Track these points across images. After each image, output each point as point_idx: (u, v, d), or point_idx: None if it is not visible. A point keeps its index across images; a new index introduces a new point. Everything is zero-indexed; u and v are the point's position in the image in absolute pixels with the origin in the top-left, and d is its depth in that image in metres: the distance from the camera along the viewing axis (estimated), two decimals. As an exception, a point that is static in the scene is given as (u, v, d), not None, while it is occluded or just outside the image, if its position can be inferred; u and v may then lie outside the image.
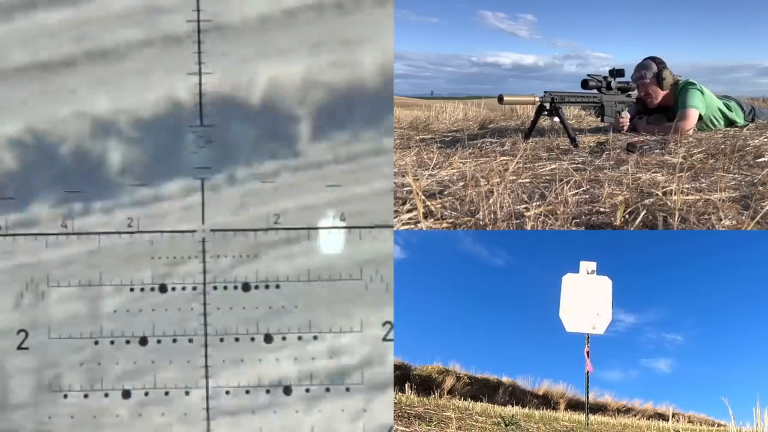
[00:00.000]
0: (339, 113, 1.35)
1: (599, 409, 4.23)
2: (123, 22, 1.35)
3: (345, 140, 1.36)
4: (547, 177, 2.13)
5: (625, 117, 3.39)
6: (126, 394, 1.39)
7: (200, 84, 1.36)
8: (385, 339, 1.40)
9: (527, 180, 2.09)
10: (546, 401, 4.18)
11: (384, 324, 1.39)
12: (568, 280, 2.55)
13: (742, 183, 2.01)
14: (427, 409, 2.38)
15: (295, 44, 1.34)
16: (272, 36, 1.35)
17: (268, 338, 1.40)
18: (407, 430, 1.84)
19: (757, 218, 1.61)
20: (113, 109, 1.35)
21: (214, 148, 1.36)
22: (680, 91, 3.42)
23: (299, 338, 1.39)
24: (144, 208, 1.37)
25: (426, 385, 3.80)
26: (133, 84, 1.35)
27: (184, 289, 1.39)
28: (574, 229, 1.64)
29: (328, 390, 1.39)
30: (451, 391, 3.93)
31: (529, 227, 1.63)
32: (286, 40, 1.34)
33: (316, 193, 1.36)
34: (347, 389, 1.39)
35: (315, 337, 1.40)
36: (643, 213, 1.68)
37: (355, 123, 1.36)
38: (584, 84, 3.30)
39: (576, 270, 2.58)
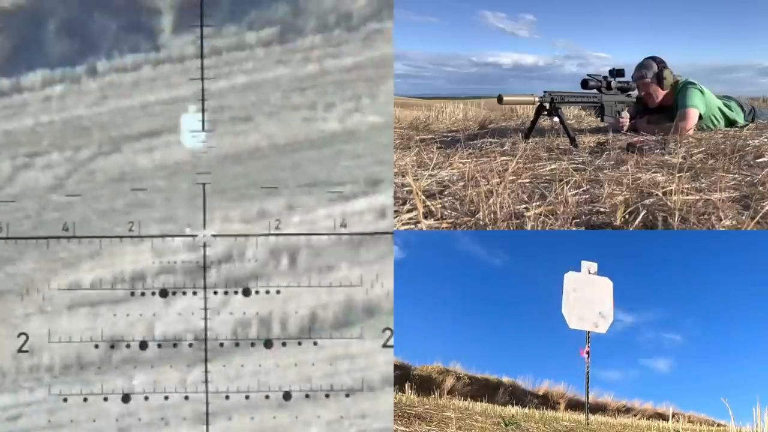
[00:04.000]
0: (201, 6, 1.35)
1: (599, 409, 4.22)
2: None
3: (207, 34, 1.35)
4: (547, 177, 2.13)
5: (625, 117, 3.38)
6: (126, 398, 1.38)
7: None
8: (385, 345, 1.40)
9: (527, 180, 2.08)
10: (546, 401, 4.18)
11: (384, 330, 1.39)
12: (570, 278, 2.55)
13: (742, 183, 2.01)
14: (427, 409, 2.38)
15: None
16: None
17: (268, 344, 1.39)
18: (407, 430, 1.83)
19: (757, 218, 1.61)
20: None
21: (75, 39, 1.35)
22: (680, 90, 3.42)
23: (299, 344, 1.39)
24: (3, 98, 1.36)
25: (426, 385, 3.79)
26: None
27: (184, 293, 1.39)
28: (574, 229, 1.64)
29: (327, 396, 1.39)
30: (451, 391, 3.93)
31: (529, 227, 1.63)
32: None
33: (177, 87, 1.36)
34: (347, 395, 1.39)
35: (315, 343, 1.39)
36: (643, 213, 1.68)
37: (218, 17, 1.35)
38: (584, 84, 3.30)
39: (577, 270, 2.58)
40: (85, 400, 1.38)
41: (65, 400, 1.37)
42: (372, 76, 1.36)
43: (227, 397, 1.38)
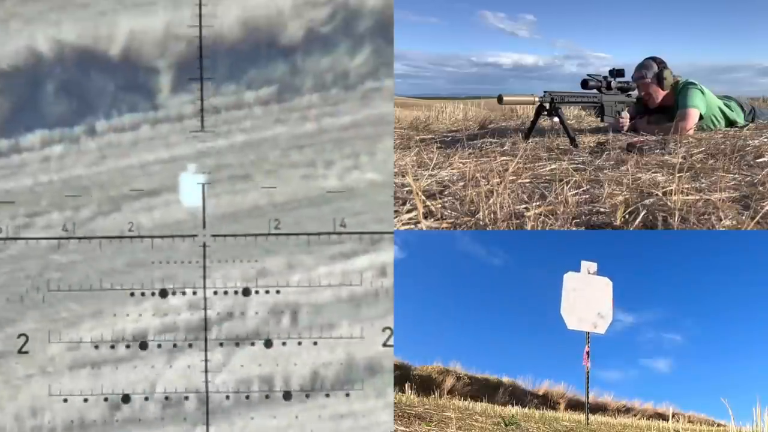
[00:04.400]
0: (198, 65, 1.36)
1: (599, 409, 4.22)
2: None
3: (206, 93, 1.36)
4: (547, 177, 2.13)
5: (625, 117, 3.38)
6: (126, 399, 1.38)
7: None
8: (384, 345, 1.40)
9: (527, 180, 2.08)
10: (546, 401, 4.18)
11: (384, 329, 1.39)
12: (570, 279, 2.55)
13: (742, 183, 2.01)
14: (427, 409, 2.38)
15: None
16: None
17: (268, 343, 1.39)
18: (407, 430, 1.83)
19: (757, 218, 1.61)
20: None
21: (73, 100, 1.35)
22: (681, 91, 3.42)
23: (299, 343, 1.39)
24: (2, 159, 1.36)
25: (426, 385, 3.79)
26: None
27: (184, 294, 1.39)
28: (574, 229, 1.64)
29: (328, 396, 1.39)
30: (451, 391, 3.93)
31: (529, 227, 1.63)
32: None
33: (176, 146, 1.36)
34: (347, 394, 1.39)
35: (315, 343, 1.39)
36: (643, 213, 1.68)
37: (217, 76, 1.36)
38: (584, 84, 3.30)
39: (576, 270, 2.58)
40: (86, 401, 1.38)
41: (65, 400, 1.37)
42: (370, 134, 1.36)
43: (227, 397, 1.38)
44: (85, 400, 1.37)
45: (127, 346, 1.37)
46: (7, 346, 1.36)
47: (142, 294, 1.37)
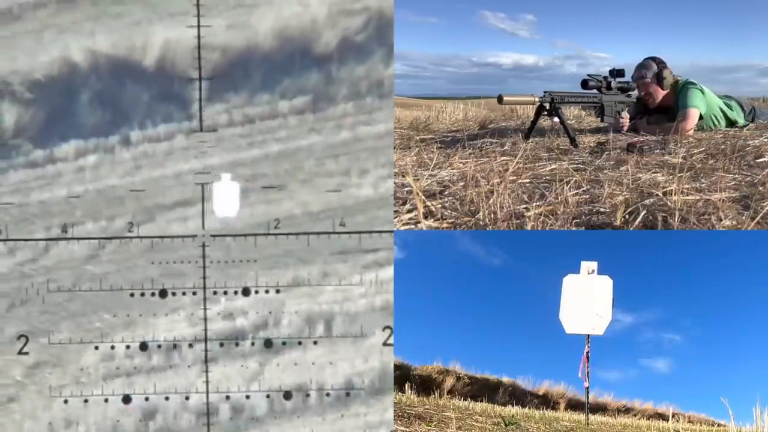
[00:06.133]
0: (234, 76, 1.36)
1: (599, 409, 4.22)
2: None
3: (240, 103, 1.36)
4: (547, 177, 2.13)
5: (625, 117, 3.38)
6: (126, 399, 1.38)
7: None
8: (385, 344, 1.40)
9: (527, 180, 2.08)
10: (546, 401, 4.17)
11: (384, 329, 1.39)
12: (569, 282, 2.55)
13: (742, 183, 2.01)
14: (427, 409, 2.38)
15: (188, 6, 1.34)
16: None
17: (268, 343, 1.39)
18: (407, 430, 1.83)
19: (757, 218, 1.61)
20: (8, 71, 1.35)
21: (108, 110, 1.35)
22: (681, 91, 3.42)
23: (299, 343, 1.39)
24: (37, 169, 1.37)
25: (426, 385, 3.79)
26: (27, 45, 1.34)
27: (184, 294, 1.39)
28: (574, 229, 1.64)
29: (328, 395, 1.39)
30: (451, 391, 3.92)
31: (529, 227, 1.63)
32: (179, 2, 1.34)
33: (210, 156, 1.36)
34: (347, 394, 1.39)
35: (315, 342, 1.39)
36: (643, 213, 1.68)
37: (251, 86, 1.36)
38: (584, 84, 3.30)
39: (576, 270, 2.57)
40: (86, 401, 1.38)
41: (66, 401, 1.37)
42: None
43: (228, 397, 1.39)
44: (119, 411, 1.37)
45: (160, 358, 1.37)
46: (41, 356, 1.36)
47: (176, 306, 1.37)
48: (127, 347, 1.37)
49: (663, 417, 3.57)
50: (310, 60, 1.36)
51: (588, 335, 2.48)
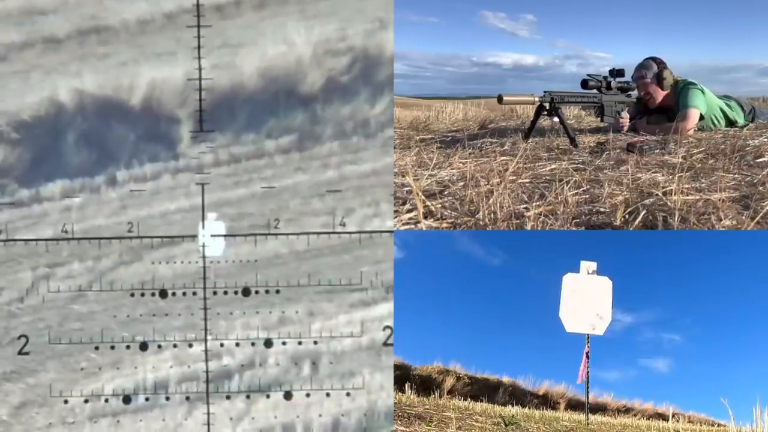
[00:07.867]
0: (220, 115, 1.36)
1: (599, 409, 4.22)
2: (1, 24, 1.34)
3: (225, 143, 1.36)
4: (547, 177, 2.13)
5: (625, 117, 3.38)
6: (126, 400, 1.38)
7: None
8: (385, 344, 1.40)
9: (527, 180, 2.08)
10: (546, 401, 4.17)
11: (384, 329, 1.39)
12: (569, 280, 2.54)
13: (742, 183, 2.01)
14: (427, 409, 2.38)
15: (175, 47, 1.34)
16: (152, 39, 1.35)
17: (268, 343, 1.39)
18: (407, 430, 1.83)
19: (757, 218, 1.61)
20: None
21: (94, 150, 1.35)
22: (681, 91, 3.42)
23: (299, 343, 1.39)
24: (23, 209, 1.36)
25: (426, 385, 3.79)
26: (14, 86, 1.34)
27: (184, 294, 1.39)
28: (574, 229, 1.64)
29: (328, 395, 1.39)
30: (451, 391, 3.92)
31: (529, 227, 1.63)
32: (165, 43, 1.34)
33: (197, 195, 1.36)
34: (347, 393, 1.39)
35: (315, 342, 1.39)
36: (643, 213, 1.68)
37: (237, 126, 1.36)
38: (584, 84, 3.30)
39: (576, 270, 2.57)
40: (86, 401, 1.38)
41: (66, 401, 1.37)
42: (391, 182, 1.37)
43: (228, 397, 1.39)
44: None
45: (147, 399, 1.37)
46: (27, 396, 1.36)
47: (159, 346, 1.37)
48: (114, 390, 1.37)
49: (663, 417, 3.57)
50: (296, 100, 1.36)
51: (588, 335, 2.48)
